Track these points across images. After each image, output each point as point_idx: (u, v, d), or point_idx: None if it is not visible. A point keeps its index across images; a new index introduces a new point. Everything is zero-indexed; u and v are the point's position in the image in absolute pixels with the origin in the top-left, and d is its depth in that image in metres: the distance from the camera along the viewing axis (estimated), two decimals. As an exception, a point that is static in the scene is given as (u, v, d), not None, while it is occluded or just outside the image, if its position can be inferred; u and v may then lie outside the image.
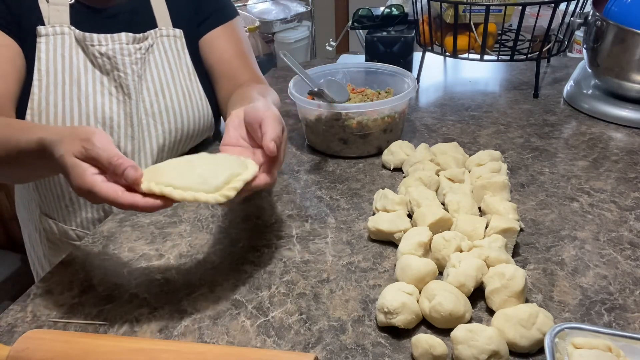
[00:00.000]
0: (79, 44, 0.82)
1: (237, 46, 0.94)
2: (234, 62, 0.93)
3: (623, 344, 0.48)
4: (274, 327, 0.58)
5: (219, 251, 0.71)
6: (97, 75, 0.83)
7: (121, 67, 0.83)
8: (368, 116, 0.90)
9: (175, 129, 0.89)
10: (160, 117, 0.87)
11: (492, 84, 1.28)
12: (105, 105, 0.83)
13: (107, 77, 0.83)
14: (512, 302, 0.56)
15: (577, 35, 1.79)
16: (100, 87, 0.83)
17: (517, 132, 1.00)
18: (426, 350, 0.51)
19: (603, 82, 1.07)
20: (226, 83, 0.92)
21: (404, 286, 0.58)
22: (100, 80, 0.83)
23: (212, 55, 0.93)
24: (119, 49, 0.83)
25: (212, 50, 0.93)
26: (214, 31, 0.93)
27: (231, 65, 0.93)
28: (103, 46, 0.82)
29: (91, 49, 0.82)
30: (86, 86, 0.82)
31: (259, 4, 2.89)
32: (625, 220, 0.73)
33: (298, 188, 0.85)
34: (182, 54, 0.90)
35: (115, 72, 0.83)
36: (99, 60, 0.83)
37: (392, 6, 1.29)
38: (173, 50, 0.89)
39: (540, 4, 1.06)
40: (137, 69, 0.85)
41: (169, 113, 0.88)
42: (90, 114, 0.82)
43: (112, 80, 0.84)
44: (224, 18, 0.94)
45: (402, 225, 0.69)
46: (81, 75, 0.82)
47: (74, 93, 0.81)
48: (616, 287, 0.61)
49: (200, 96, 0.92)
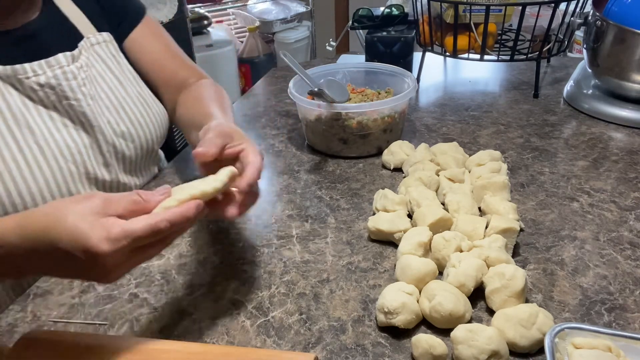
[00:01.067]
0: (7, 81, 0.68)
1: (162, 43, 0.89)
2: (168, 64, 0.88)
3: (623, 344, 0.48)
4: (274, 327, 0.58)
5: (219, 251, 0.71)
6: (42, 111, 0.70)
7: (70, 94, 0.72)
8: (368, 116, 0.90)
9: (145, 142, 0.82)
10: (129, 135, 0.79)
11: (492, 84, 1.28)
12: (68, 140, 0.72)
13: (54, 110, 0.71)
14: (512, 302, 0.56)
15: (577, 35, 1.79)
16: (52, 122, 0.71)
17: (517, 132, 1.00)
18: (426, 350, 0.51)
19: (603, 82, 1.07)
20: (169, 87, 0.88)
21: (404, 286, 0.58)
22: (48, 115, 0.71)
23: (143, 58, 0.87)
24: (61, 74, 0.71)
25: (141, 53, 0.86)
26: (134, 33, 0.86)
27: (166, 67, 0.88)
28: (41, 75, 0.69)
29: (26, 82, 0.68)
30: (38, 126, 0.69)
31: (259, 4, 2.89)
32: (625, 220, 0.73)
33: (298, 188, 0.85)
34: (119, 59, 0.82)
35: (64, 102, 0.71)
36: (40, 93, 0.70)
37: (392, 6, 1.29)
38: (110, 57, 0.81)
39: (540, 4, 1.06)
40: (87, 91, 0.74)
41: (136, 127, 0.80)
42: (57, 156, 0.70)
43: (64, 112, 0.72)
44: (138, 16, 0.87)
45: (402, 225, 0.69)
46: (26, 116, 0.69)
47: (29, 138, 0.68)
48: (616, 287, 0.61)
49: (153, 99, 0.85)
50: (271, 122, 1.11)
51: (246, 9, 2.91)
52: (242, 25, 2.99)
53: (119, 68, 0.82)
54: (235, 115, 1.15)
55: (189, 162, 0.94)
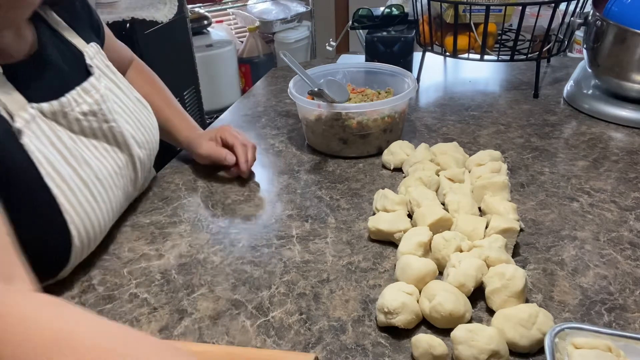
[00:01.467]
0: (52, 118, 0.64)
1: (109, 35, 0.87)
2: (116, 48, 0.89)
3: (623, 344, 0.48)
4: (274, 327, 0.58)
5: (219, 251, 0.71)
6: (85, 141, 0.68)
7: (109, 116, 0.70)
8: (368, 116, 0.90)
9: (154, 145, 0.82)
10: (144, 142, 0.78)
11: (492, 84, 1.28)
12: (114, 167, 0.71)
13: (95, 136, 0.69)
14: (512, 302, 0.56)
15: (577, 35, 1.79)
16: (97, 151, 0.69)
17: (517, 132, 1.00)
18: (426, 350, 0.51)
19: (603, 82, 1.07)
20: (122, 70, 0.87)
21: (404, 286, 0.58)
22: (92, 144, 0.69)
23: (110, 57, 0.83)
24: (100, 98, 0.69)
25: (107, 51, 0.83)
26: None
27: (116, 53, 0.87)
28: (83, 104, 0.67)
29: (71, 115, 0.65)
30: (92, 160, 0.67)
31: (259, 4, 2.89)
32: (625, 220, 0.73)
33: (298, 188, 0.85)
34: (112, 67, 0.79)
35: (105, 126, 0.70)
36: (83, 122, 0.67)
37: (392, 6, 1.29)
38: (105, 67, 0.77)
39: (540, 4, 1.06)
40: (112, 108, 0.72)
41: (148, 134, 0.79)
42: (112, 186, 0.69)
43: (103, 137, 0.70)
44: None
45: (402, 225, 0.69)
46: (80, 152, 0.66)
47: (90, 174, 0.65)
48: (616, 287, 0.61)
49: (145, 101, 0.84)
50: (271, 122, 1.11)
51: (246, 9, 2.91)
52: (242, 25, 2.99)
53: (115, 77, 0.79)
54: (235, 115, 1.15)
55: (188, 162, 0.94)
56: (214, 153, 0.88)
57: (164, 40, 1.67)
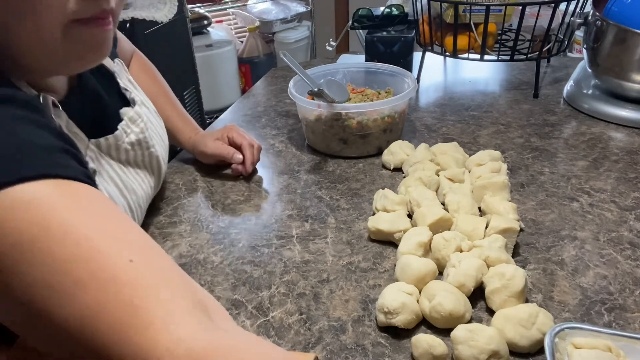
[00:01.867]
0: (107, 152, 0.63)
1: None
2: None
3: (623, 344, 0.48)
4: (274, 327, 0.58)
5: (219, 251, 0.71)
6: (132, 170, 0.67)
7: (150, 142, 0.70)
8: (368, 116, 0.90)
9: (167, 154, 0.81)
10: (166, 154, 0.78)
11: (492, 84, 1.28)
12: (149, 192, 0.72)
13: (136, 163, 0.69)
14: (512, 302, 0.56)
15: (577, 35, 1.79)
16: (140, 178, 0.69)
17: (517, 132, 1.00)
18: (426, 350, 0.51)
19: (603, 82, 1.07)
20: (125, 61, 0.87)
21: (404, 286, 0.58)
22: (136, 172, 0.68)
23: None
24: (144, 126, 0.68)
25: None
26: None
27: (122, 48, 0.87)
28: (132, 134, 0.66)
29: (122, 146, 0.64)
30: (137, 188, 0.68)
31: (259, 4, 2.89)
32: (625, 220, 0.73)
33: (298, 188, 0.85)
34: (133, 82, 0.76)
35: (146, 152, 0.69)
36: (130, 152, 0.66)
37: (392, 6, 1.29)
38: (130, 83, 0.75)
39: (540, 4, 1.06)
40: (152, 134, 0.72)
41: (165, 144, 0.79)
42: (144, 210, 0.72)
43: (143, 164, 0.70)
44: None
45: (402, 225, 0.69)
46: (128, 180, 0.66)
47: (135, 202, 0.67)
48: (616, 287, 0.61)
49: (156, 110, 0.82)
50: (271, 122, 1.11)
51: (246, 9, 2.91)
52: (242, 25, 2.99)
53: (139, 92, 0.75)
54: (235, 115, 1.15)
55: (188, 162, 0.94)
56: (222, 151, 0.88)
57: (164, 40, 1.67)
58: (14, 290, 0.36)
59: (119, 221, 0.40)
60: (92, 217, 0.38)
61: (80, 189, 0.40)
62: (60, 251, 0.36)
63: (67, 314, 0.35)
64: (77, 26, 0.47)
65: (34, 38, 0.46)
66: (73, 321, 0.35)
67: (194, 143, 0.91)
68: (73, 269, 0.35)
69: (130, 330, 0.34)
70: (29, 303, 0.36)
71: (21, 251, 0.35)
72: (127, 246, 0.38)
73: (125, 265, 0.37)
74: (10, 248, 0.35)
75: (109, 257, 0.36)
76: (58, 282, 0.35)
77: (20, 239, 0.36)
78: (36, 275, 0.35)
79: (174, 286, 0.38)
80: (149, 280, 0.37)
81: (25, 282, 0.35)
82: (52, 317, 0.35)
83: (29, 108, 0.43)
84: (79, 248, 0.36)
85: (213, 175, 0.90)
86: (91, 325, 0.35)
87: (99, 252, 0.36)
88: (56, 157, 0.41)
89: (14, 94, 0.43)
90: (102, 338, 0.35)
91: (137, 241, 0.40)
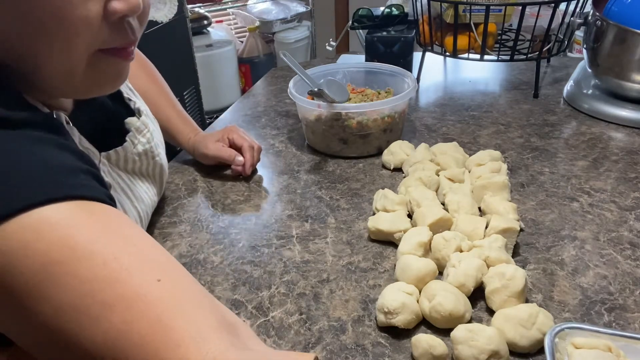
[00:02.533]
0: (115, 164, 0.63)
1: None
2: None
3: (623, 344, 0.48)
4: (274, 327, 0.58)
5: (219, 251, 0.71)
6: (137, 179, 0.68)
7: (155, 150, 0.70)
8: (368, 116, 0.90)
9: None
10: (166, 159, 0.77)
11: (492, 84, 1.28)
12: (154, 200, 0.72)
13: (141, 174, 0.69)
14: (512, 302, 0.56)
15: (577, 35, 1.79)
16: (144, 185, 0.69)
17: (517, 132, 1.00)
18: (426, 350, 0.51)
19: (603, 82, 1.07)
20: None
21: (404, 286, 0.58)
22: (141, 180, 0.69)
23: None
24: (150, 135, 0.68)
25: None
26: None
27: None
28: (139, 145, 0.66)
29: (130, 157, 0.65)
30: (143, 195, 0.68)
31: (259, 4, 2.89)
32: (625, 220, 0.73)
33: (298, 188, 0.85)
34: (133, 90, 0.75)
35: (151, 161, 0.69)
36: (137, 163, 0.66)
37: (392, 6, 1.29)
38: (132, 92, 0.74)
39: (540, 4, 1.06)
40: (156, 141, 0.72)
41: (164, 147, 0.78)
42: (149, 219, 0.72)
43: (147, 173, 0.70)
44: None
45: (402, 225, 0.69)
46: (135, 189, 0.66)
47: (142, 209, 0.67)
48: (616, 287, 0.61)
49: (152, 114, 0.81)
50: (271, 122, 1.11)
51: (246, 9, 2.91)
52: (242, 25, 2.99)
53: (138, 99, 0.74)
54: (235, 115, 1.15)
55: (188, 162, 0.94)
56: (222, 154, 0.88)
57: (164, 40, 1.67)
58: (41, 314, 0.35)
59: (142, 241, 0.40)
60: (117, 238, 0.38)
61: (104, 209, 0.40)
62: (87, 272, 0.36)
63: (96, 335, 0.35)
64: (103, 56, 0.47)
65: (60, 64, 0.45)
66: (102, 342, 0.35)
67: (194, 144, 0.90)
68: (100, 290, 0.35)
69: (160, 349, 0.34)
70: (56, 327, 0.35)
71: (48, 273, 0.35)
72: (153, 266, 0.38)
73: (152, 285, 0.36)
74: (37, 270, 0.35)
75: (136, 277, 0.36)
76: (86, 305, 0.35)
77: (47, 260, 0.35)
78: (63, 298, 0.35)
79: (202, 305, 0.38)
80: (177, 299, 0.37)
81: (53, 306, 0.35)
82: (80, 340, 0.35)
83: (48, 129, 0.43)
84: (105, 268, 0.36)
85: (213, 175, 0.90)
86: (120, 345, 0.35)
87: (126, 272, 0.36)
88: (79, 178, 0.41)
89: (34, 116, 0.43)
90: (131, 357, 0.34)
91: (162, 261, 0.40)
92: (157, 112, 0.84)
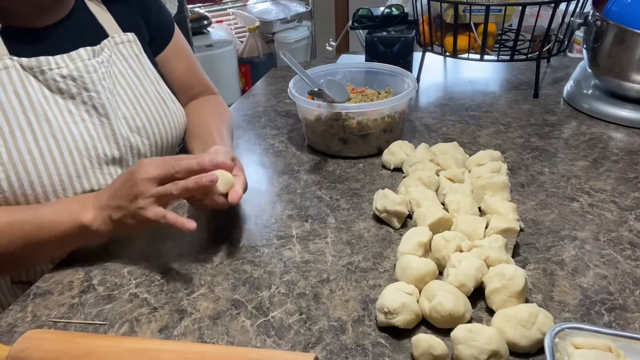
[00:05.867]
0: (30, 73, 0.70)
1: (185, 61, 0.97)
2: (185, 77, 0.97)
3: (623, 344, 0.48)
4: (274, 327, 0.58)
5: (219, 251, 0.71)
6: (60, 103, 0.73)
7: (91, 86, 0.74)
8: (368, 116, 0.90)
9: (160, 140, 0.83)
10: (145, 131, 0.81)
11: (492, 84, 1.28)
12: (84, 135, 0.74)
13: (74, 101, 0.74)
14: (512, 302, 0.56)
15: (577, 35, 1.79)
16: (70, 115, 0.73)
17: (517, 132, 1.00)
18: (426, 350, 0.51)
19: (603, 82, 1.07)
20: (181, 96, 0.95)
21: (404, 286, 0.58)
22: (67, 107, 0.73)
23: (167, 75, 0.92)
24: (83, 67, 0.74)
25: (165, 70, 0.93)
26: (162, 54, 0.93)
27: (182, 80, 0.96)
28: (63, 68, 0.72)
29: (49, 74, 0.71)
30: (56, 119, 0.72)
31: (259, 4, 2.89)
32: (625, 220, 0.73)
33: (298, 188, 0.85)
34: (142, 58, 0.85)
35: (84, 94, 0.74)
36: (61, 84, 0.72)
37: (392, 6, 1.29)
38: (132, 56, 0.83)
39: (540, 4, 1.06)
40: (107, 85, 0.77)
41: (152, 124, 0.82)
42: (73, 150, 0.72)
43: (81, 104, 0.74)
44: (169, 36, 0.94)
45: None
46: (45, 109, 0.71)
47: (46, 130, 0.70)
48: (616, 287, 0.61)
49: (172, 100, 0.88)
50: (271, 122, 1.11)
51: (246, 9, 2.91)
52: (242, 25, 2.99)
53: (141, 67, 0.84)
54: (235, 115, 1.15)
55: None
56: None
57: (164, 40, 1.67)
58: None
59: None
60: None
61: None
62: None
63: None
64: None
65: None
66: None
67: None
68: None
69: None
70: None
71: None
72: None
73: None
74: None
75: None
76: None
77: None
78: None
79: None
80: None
81: None
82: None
83: None
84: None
85: (213, 175, 0.90)
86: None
87: None
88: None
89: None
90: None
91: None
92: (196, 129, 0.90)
